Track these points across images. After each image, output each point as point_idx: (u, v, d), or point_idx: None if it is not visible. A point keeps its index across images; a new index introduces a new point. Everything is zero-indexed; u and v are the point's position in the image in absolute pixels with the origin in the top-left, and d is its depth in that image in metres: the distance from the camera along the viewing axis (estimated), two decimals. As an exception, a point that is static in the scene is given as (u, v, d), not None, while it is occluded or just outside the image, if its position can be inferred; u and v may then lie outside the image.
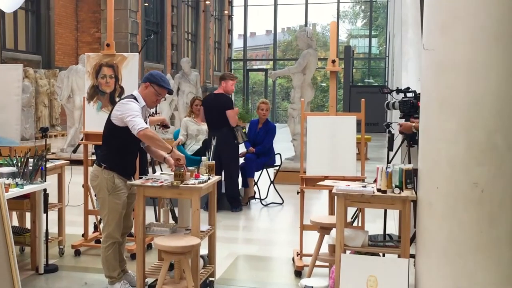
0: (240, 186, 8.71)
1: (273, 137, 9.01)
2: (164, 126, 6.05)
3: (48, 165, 5.51)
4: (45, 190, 5.27)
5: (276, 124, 10.35)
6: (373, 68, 35.78)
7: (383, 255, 4.70)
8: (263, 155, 8.88)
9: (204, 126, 8.76)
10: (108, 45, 6.00)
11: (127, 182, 4.70)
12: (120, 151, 4.71)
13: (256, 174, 9.00)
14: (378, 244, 4.38)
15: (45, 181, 5.20)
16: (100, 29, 20.96)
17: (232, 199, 8.29)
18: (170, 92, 4.86)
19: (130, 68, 5.93)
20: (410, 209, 4.17)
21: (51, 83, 17.85)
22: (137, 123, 4.45)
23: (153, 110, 6.02)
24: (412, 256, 4.29)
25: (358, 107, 5.72)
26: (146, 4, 23.58)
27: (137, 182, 4.68)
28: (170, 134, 13.54)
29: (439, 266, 3.64)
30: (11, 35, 18.32)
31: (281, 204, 8.83)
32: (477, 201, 3.46)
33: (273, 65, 33.88)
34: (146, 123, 4.71)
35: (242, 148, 8.87)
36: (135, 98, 4.67)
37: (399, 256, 4.28)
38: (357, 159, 5.60)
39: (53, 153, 12.75)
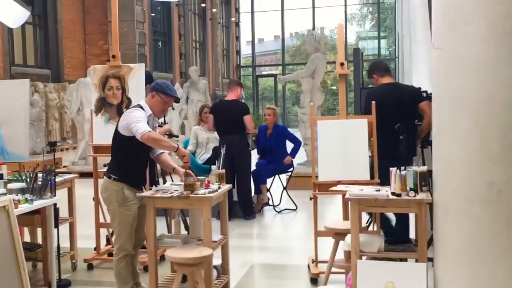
0: (252, 193, 8.64)
1: (292, 135, 8.97)
2: (169, 135, 6.01)
3: (58, 179, 5.47)
4: (55, 204, 5.23)
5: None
6: (383, 69, 35.60)
7: (400, 260, 4.63)
8: (273, 162, 8.80)
9: (214, 134, 8.72)
10: (113, 56, 5.98)
11: (137, 194, 4.65)
12: (128, 162, 4.68)
13: (268, 181, 8.93)
14: (395, 249, 4.30)
15: (55, 196, 5.17)
16: (108, 41, 21.02)
17: (245, 207, 8.22)
18: (177, 100, 4.83)
19: (137, 79, 5.89)
20: (427, 212, 4.09)
21: (60, 97, 17.91)
22: (140, 127, 4.41)
23: (161, 120, 5.98)
24: (430, 259, 4.20)
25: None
26: (153, 14, 23.64)
27: (147, 193, 4.64)
28: (180, 143, 13.47)
29: (458, 269, 3.56)
30: (20, 51, 18.41)
31: (294, 210, 8.76)
32: (494, 201, 3.38)
33: (282, 70, 33.83)
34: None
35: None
36: (141, 107, 4.65)
37: (416, 260, 4.20)
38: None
39: (64, 166, 12.76)
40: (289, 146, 9.05)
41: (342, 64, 5.65)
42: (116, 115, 5.88)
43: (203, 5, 28.58)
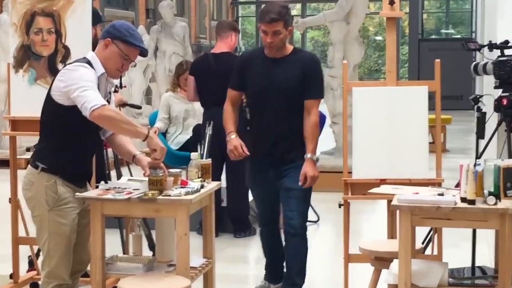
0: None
1: None
2: (123, 105, 6.01)
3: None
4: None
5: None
6: (453, 12, 35.59)
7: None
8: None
9: (196, 106, 8.72)
10: (45, -17, 5.96)
11: (77, 193, 4.66)
12: (65, 145, 4.67)
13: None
14: (464, 283, 4.34)
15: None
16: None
17: (237, 217, 8.20)
18: (144, 52, 4.82)
19: (79, 18, 5.87)
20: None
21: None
22: (90, 99, 4.39)
23: (117, 82, 5.99)
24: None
25: (431, 72, 5.66)
26: None
27: (92, 193, 4.65)
28: (144, 118, 13.49)
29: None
30: None
31: (315, 222, 8.79)
32: None
33: (301, 11, 33.82)
34: (109, 102, 4.68)
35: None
36: (88, 63, 4.64)
37: (496, 301, 4.24)
38: (429, 152, 5.54)
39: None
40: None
41: (392, 2, 5.65)
42: (47, 72, 5.88)
43: None
